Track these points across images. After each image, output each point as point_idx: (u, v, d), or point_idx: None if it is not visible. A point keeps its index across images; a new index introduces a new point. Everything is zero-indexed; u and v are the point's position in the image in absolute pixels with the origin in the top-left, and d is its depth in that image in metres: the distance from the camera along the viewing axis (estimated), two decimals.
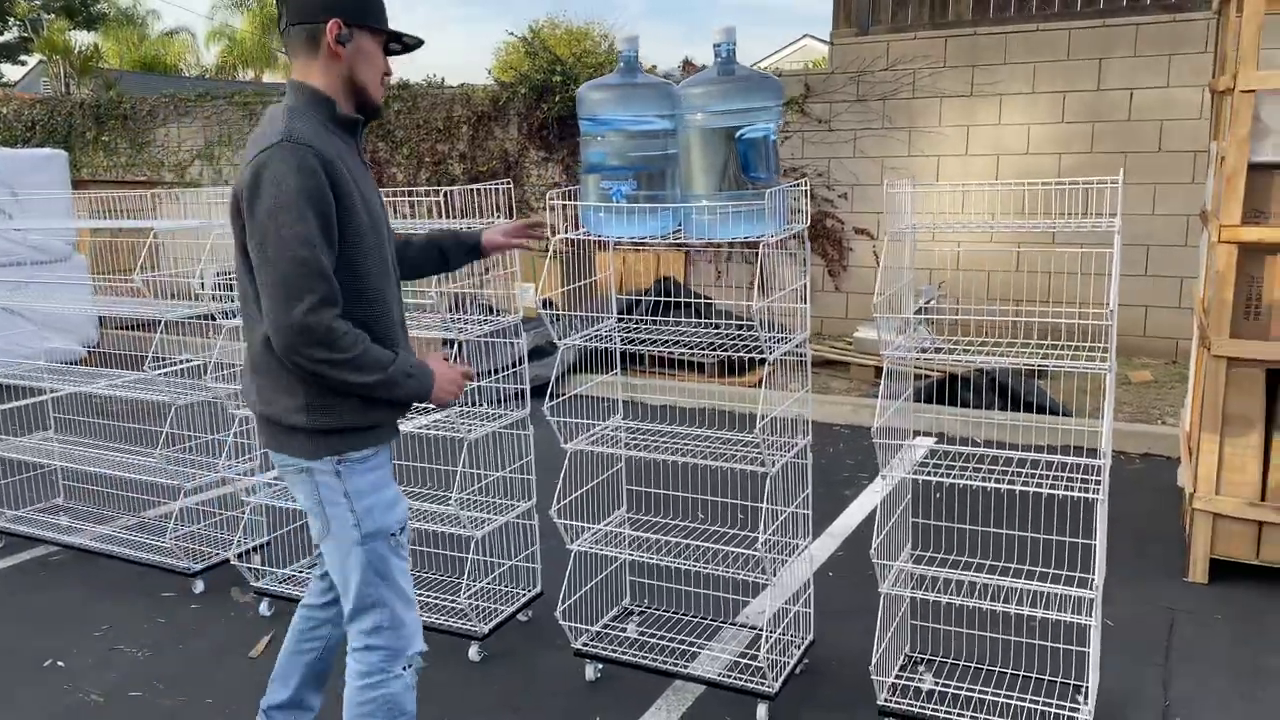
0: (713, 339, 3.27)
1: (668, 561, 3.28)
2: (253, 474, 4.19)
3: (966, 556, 4.28)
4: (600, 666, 3.44)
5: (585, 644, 3.46)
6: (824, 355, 7.75)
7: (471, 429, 3.61)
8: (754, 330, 3.04)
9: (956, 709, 3.11)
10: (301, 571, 4.11)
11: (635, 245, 8.06)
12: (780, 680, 3.18)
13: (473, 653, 3.56)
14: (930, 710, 3.09)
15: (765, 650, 3.24)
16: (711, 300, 8.05)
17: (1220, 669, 3.45)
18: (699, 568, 3.25)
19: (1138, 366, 7.52)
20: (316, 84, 2.32)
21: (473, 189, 3.81)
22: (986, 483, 2.96)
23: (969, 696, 3.20)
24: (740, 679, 3.24)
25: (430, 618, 3.68)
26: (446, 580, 4.09)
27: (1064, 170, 7.89)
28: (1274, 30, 7.04)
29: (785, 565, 3.20)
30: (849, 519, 4.84)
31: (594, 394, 3.77)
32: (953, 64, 8.16)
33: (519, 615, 3.82)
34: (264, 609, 3.94)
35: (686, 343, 3.21)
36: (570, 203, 3.09)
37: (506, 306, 3.87)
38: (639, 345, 3.20)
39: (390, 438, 2.43)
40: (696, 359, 7.15)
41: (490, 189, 3.76)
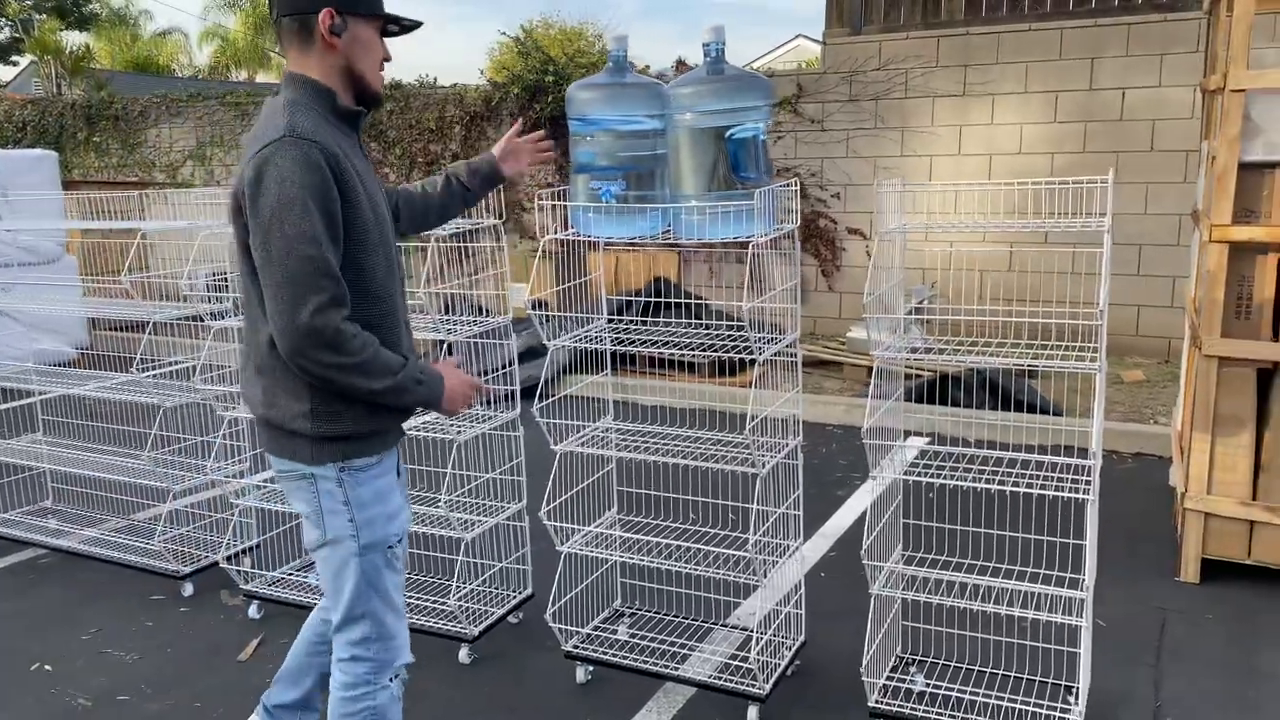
0: (704, 340, 3.26)
1: (658, 563, 3.27)
2: (242, 476, 4.17)
3: (958, 557, 4.27)
4: (591, 669, 3.42)
5: (576, 646, 3.45)
6: (817, 355, 7.74)
7: (461, 430, 3.60)
8: (745, 331, 3.03)
9: (947, 710, 3.11)
10: (291, 574, 4.09)
11: (629, 245, 8.05)
12: (771, 682, 3.17)
13: (463, 655, 3.55)
14: (921, 712, 3.08)
15: (756, 652, 3.23)
16: (705, 300, 8.04)
17: (1212, 669, 3.44)
18: (690, 569, 3.24)
19: (1130, 366, 7.53)
20: (314, 75, 2.25)
21: None
22: (977, 483, 2.96)
23: (960, 698, 3.19)
24: (731, 681, 3.22)
25: (420, 620, 3.66)
26: (436, 582, 4.07)
27: (1057, 170, 7.90)
28: (1264, 30, 7.06)
29: (776, 567, 3.19)
30: (841, 519, 4.84)
31: (585, 395, 3.76)
32: (945, 64, 8.16)
33: (510, 617, 3.80)
34: (253, 612, 3.92)
35: (677, 343, 3.20)
36: (559, 203, 3.08)
37: (497, 307, 3.85)
38: (629, 346, 3.18)
39: (395, 442, 2.39)
40: (687, 359, 7.14)
41: None
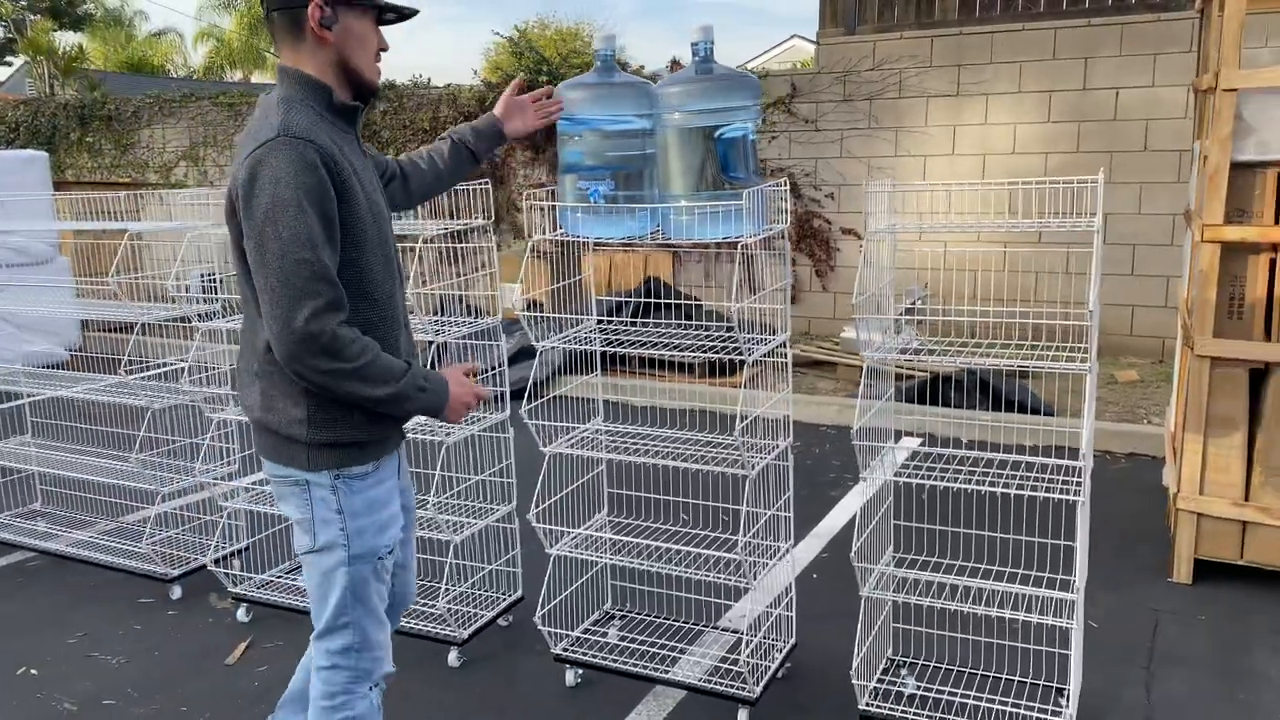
0: (695, 340, 3.24)
1: (649, 565, 3.25)
2: (230, 478, 4.14)
3: (949, 559, 4.25)
4: (581, 672, 3.40)
5: (565, 649, 3.43)
6: (811, 355, 7.73)
7: (450, 432, 3.57)
8: (734, 331, 3.01)
9: (938, 713, 3.09)
10: (280, 577, 4.07)
11: (623, 245, 8.03)
12: (761, 685, 3.16)
13: (452, 658, 3.53)
14: (911, 714, 3.07)
15: (746, 654, 3.22)
16: (698, 301, 8.02)
17: (1203, 671, 3.43)
18: (680, 572, 3.22)
19: (1124, 366, 7.52)
20: (309, 70, 2.18)
21: (454, 190, 3.77)
22: (968, 485, 2.94)
23: (950, 700, 3.18)
24: (721, 684, 3.21)
25: (408, 623, 3.64)
26: (425, 585, 4.05)
27: (1050, 170, 7.89)
28: (1256, 29, 7.05)
29: (766, 569, 3.18)
30: (834, 520, 4.82)
31: (575, 396, 3.74)
32: (939, 64, 8.15)
33: (499, 620, 3.78)
34: (241, 615, 3.90)
35: (668, 344, 3.18)
36: (547, 203, 3.06)
37: (488, 308, 3.83)
38: (618, 347, 3.16)
39: (394, 449, 2.33)
40: (676, 359, 7.12)
41: (469, 189, 3.71)
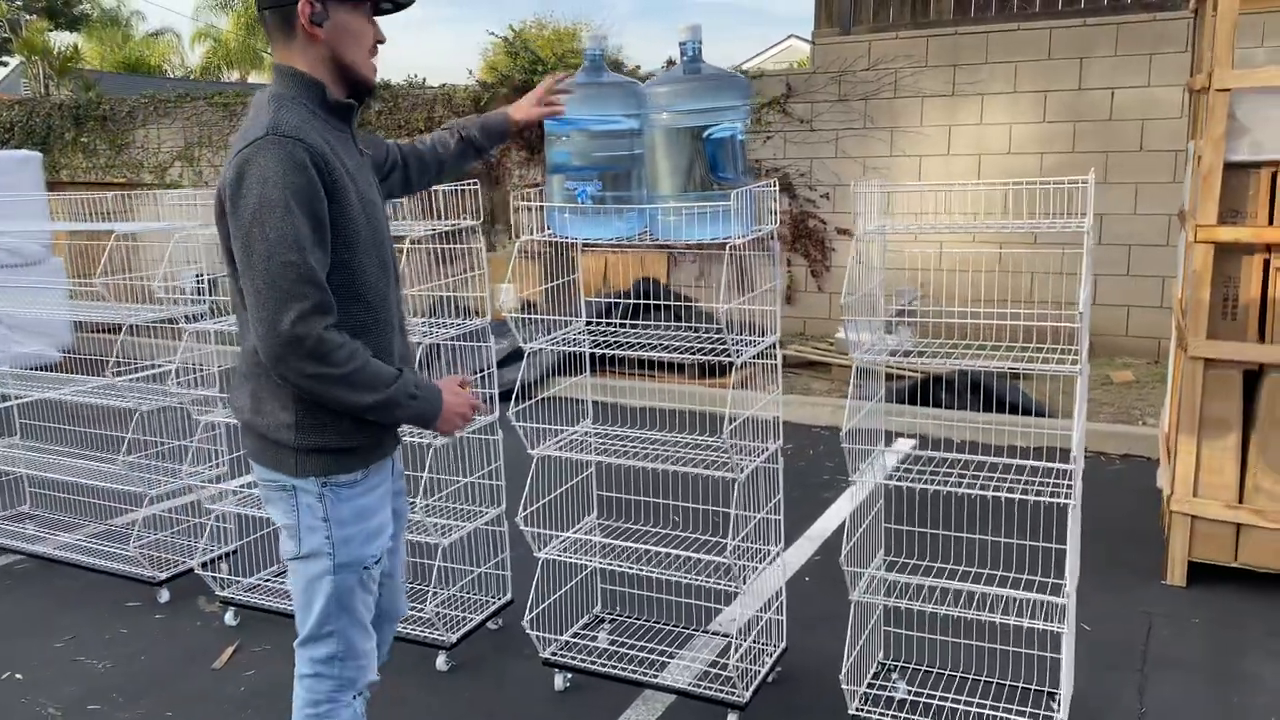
0: (685, 341, 3.21)
1: (638, 569, 3.23)
2: (218, 481, 4.11)
3: (940, 562, 4.23)
4: (569, 676, 3.38)
5: (554, 653, 3.41)
6: (805, 356, 7.70)
7: (437, 434, 3.54)
8: (723, 333, 2.99)
9: (929, 718, 3.07)
10: (268, 580, 4.04)
11: (616, 246, 8.02)
12: (751, 689, 3.13)
13: (440, 662, 3.50)
14: (902, 719, 3.04)
15: (736, 659, 3.19)
16: (692, 301, 8.00)
17: (1197, 674, 3.41)
18: (669, 575, 3.19)
19: (1120, 366, 7.50)
20: (301, 67, 2.13)
21: (442, 190, 3.75)
22: (958, 488, 2.92)
23: (942, 705, 3.15)
24: (711, 688, 3.18)
25: (396, 626, 3.60)
26: (413, 588, 4.02)
27: (1046, 170, 7.87)
28: (1250, 29, 7.04)
29: (756, 573, 3.15)
30: (827, 523, 4.80)
31: (565, 397, 3.72)
32: (934, 64, 8.13)
33: (489, 623, 3.76)
34: (229, 618, 3.87)
35: (658, 345, 3.15)
36: (534, 203, 3.03)
37: (478, 309, 3.81)
38: (607, 349, 3.14)
39: (387, 455, 2.28)
40: (665, 360, 7.10)
41: (458, 189, 3.69)
